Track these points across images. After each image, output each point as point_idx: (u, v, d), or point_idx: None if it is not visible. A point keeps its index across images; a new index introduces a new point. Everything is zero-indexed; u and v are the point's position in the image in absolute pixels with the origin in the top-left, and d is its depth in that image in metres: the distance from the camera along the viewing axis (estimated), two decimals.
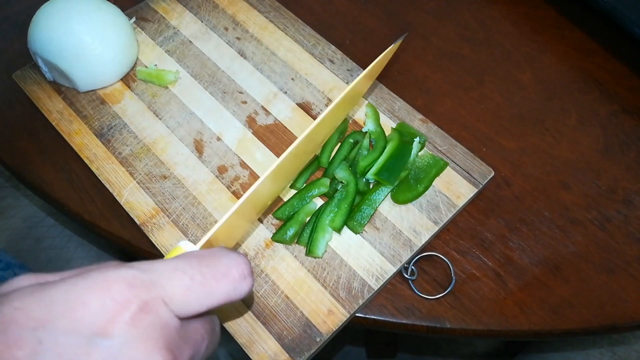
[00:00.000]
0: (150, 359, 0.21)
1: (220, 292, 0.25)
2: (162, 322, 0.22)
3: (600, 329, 0.45)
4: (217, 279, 0.25)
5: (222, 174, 0.50)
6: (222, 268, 0.25)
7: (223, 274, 0.25)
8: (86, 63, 0.51)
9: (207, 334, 0.26)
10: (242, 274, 0.26)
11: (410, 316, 0.45)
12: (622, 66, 0.59)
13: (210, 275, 0.25)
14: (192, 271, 0.24)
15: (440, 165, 0.49)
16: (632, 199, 0.51)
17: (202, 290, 0.24)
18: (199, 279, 0.24)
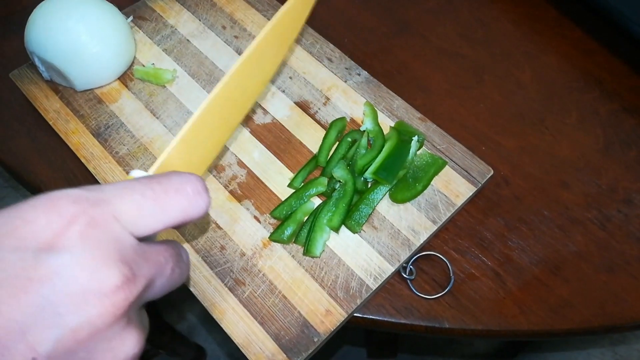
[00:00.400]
0: (104, 270, 0.20)
1: (174, 208, 0.24)
2: (115, 237, 0.21)
3: (601, 329, 0.45)
4: (170, 194, 0.24)
5: (219, 173, 0.49)
6: (174, 184, 0.24)
7: (175, 190, 0.24)
8: (83, 62, 0.51)
9: (171, 257, 0.25)
10: (195, 190, 0.25)
11: (408, 316, 0.44)
12: (622, 65, 0.59)
13: (161, 190, 0.24)
14: (142, 187, 0.23)
15: (439, 164, 0.48)
16: (633, 198, 0.50)
17: (155, 206, 0.23)
18: (150, 194, 0.23)
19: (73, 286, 0.19)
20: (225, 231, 0.46)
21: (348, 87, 0.54)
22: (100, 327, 0.20)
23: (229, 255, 0.45)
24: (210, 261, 0.45)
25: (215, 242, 0.46)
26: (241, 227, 0.46)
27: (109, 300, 0.20)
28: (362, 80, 0.54)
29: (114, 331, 0.20)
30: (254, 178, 0.49)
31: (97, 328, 0.20)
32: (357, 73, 0.55)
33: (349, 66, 0.55)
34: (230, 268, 0.44)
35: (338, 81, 0.54)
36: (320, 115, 0.52)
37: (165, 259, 0.24)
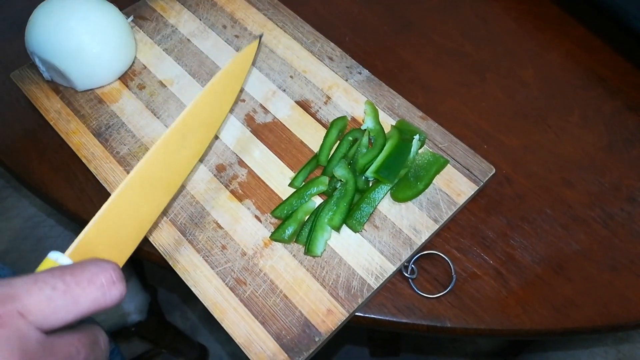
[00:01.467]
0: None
1: (86, 299, 0.24)
2: (19, 335, 0.21)
3: (604, 328, 0.44)
4: (82, 286, 0.24)
5: (220, 172, 0.49)
6: (87, 275, 0.24)
7: (88, 280, 0.24)
8: (84, 62, 0.51)
9: (84, 348, 0.25)
10: (109, 280, 0.25)
11: (410, 315, 0.44)
12: (626, 63, 0.59)
13: (74, 282, 0.24)
14: (54, 280, 0.23)
15: (441, 162, 0.48)
16: (636, 197, 0.50)
17: (65, 299, 0.23)
18: (61, 287, 0.23)
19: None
20: (226, 231, 0.46)
21: (349, 86, 0.54)
22: None
23: (230, 255, 0.45)
24: (211, 261, 0.45)
25: (217, 241, 0.46)
26: (242, 227, 0.46)
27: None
28: (363, 79, 0.54)
29: None
30: (255, 177, 0.49)
31: None
32: (358, 72, 0.55)
33: (350, 65, 0.55)
34: (231, 268, 0.44)
35: (339, 80, 0.54)
36: (321, 115, 0.52)
37: (77, 349, 0.24)
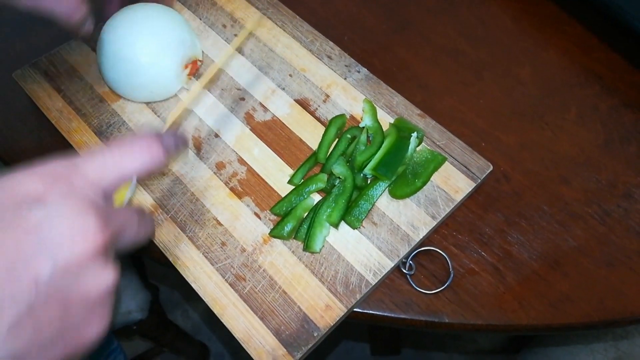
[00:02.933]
0: (81, 218, 0.25)
1: (134, 160, 0.30)
2: (87, 195, 0.27)
3: (601, 324, 0.45)
4: (127, 150, 0.30)
5: (220, 170, 0.50)
6: (133, 143, 0.31)
7: (133, 146, 0.30)
8: (147, 81, 0.52)
9: (134, 216, 0.30)
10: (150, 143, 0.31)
11: (408, 311, 0.45)
12: (622, 61, 0.59)
13: (120, 150, 0.30)
14: (105, 150, 0.29)
15: (439, 160, 0.49)
16: (632, 193, 0.50)
17: (115, 161, 0.29)
18: (110, 154, 0.29)
19: (61, 230, 0.25)
20: (226, 227, 0.47)
21: (348, 85, 0.54)
22: (84, 260, 0.25)
23: (230, 252, 0.45)
24: (211, 257, 0.45)
25: (216, 238, 0.46)
26: (242, 224, 0.47)
27: (89, 240, 0.25)
28: (362, 78, 0.55)
29: (95, 266, 0.26)
30: (254, 175, 0.49)
31: (81, 261, 0.25)
32: (357, 70, 0.55)
33: (348, 63, 0.56)
34: (230, 264, 0.45)
35: (338, 78, 0.55)
36: (320, 113, 0.53)
37: (131, 216, 0.30)
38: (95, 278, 0.26)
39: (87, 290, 0.26)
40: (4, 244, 0.24)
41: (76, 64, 0.57)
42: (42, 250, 0.24)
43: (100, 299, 0.27)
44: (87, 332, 0.27)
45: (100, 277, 0.26)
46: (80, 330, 0.26)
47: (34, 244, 0.24)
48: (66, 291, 0.25)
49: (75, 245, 0.25)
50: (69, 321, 0.25)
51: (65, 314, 0.25)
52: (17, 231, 0.24)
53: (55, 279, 0.24)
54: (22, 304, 0.23)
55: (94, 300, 0.26)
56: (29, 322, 0.24)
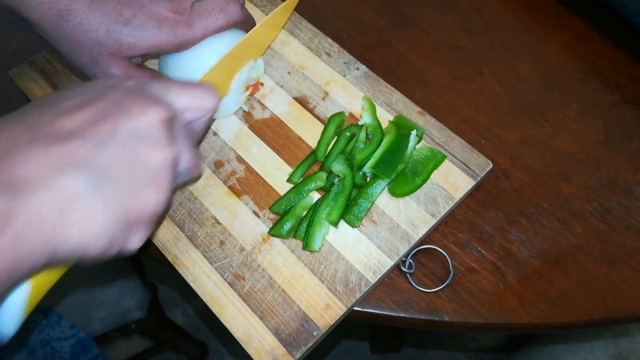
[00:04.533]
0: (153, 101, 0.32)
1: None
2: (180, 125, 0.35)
3: (601, 322, 0.45)
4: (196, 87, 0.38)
5: (218, 168, 0.49)
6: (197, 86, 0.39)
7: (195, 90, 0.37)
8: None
9: (192, 145, 0.37)
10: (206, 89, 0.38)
11: (408, 310, 0.44)
12: (623, 56, 0.59)
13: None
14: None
15: (439, 158, 0.48)
16: (633, 190, 0.50)
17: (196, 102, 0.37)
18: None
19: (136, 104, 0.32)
20: (225, 226, 0.46)
21: (347, 82, 0.54)
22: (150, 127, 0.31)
23: (229, 250, 0.45)
24: (209, 256, 0.45)
25: (215, 237, 0.46)
26: (240, 222, 0.47)
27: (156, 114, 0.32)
28: (361, 75, 0.54)
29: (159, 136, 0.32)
30: (253, 173, 0.49)
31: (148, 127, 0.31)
32: (356, 67, 0.55)
33: (347, 60, 0.55)
34: (229, 263, 0.45)
35: (337, 76, 0.54)
36: (319, 110, 0.52)
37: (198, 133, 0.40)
38: (158, 147, 0.31)
39: (151, 156, 0.31)
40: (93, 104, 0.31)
41: None
42: (120, 112, 0.31)
43: (162, 170, 0.31)
44: (147, 197, 0.31)
45: (163, 150, 0.31)
46: (143, 192, 0.31)
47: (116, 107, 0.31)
48: (135, 148, 0.30)
49: (144, 115, 0.31)
50: (135, 175, 0.30)
51: (133, 167, 0.30)
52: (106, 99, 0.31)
53: (127, 133, 0.30)
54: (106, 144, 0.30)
55: (156, 167, 0.31)
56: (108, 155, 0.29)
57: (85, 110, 0.30)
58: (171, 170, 0.32)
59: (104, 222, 0.29)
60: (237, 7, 0.47)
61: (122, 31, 0.43)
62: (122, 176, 0.30)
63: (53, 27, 0.43)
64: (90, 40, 0.43)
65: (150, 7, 0.44)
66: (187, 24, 0.45)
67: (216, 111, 0.50)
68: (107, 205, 0.29)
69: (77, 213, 0.28)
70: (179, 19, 0.44)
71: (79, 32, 0.43)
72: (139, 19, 0.44)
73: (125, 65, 0.45)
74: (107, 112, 0.30)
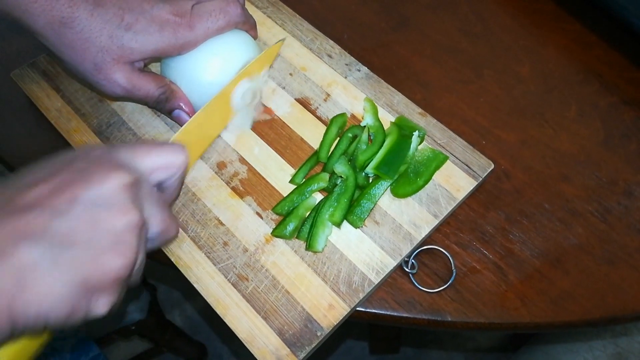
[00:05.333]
0: (115, 168, 0.32)
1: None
2: (147, 188, 0.34)
3: (601, 321, 0.45)
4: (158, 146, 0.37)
5: (221, 169, 0.50)
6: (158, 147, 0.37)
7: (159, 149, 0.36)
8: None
9: (163, 206, 0.36)
10: (172, 148, 0.37)
11: (411, 310, 0.45)
12: (622, 58, 0.59)
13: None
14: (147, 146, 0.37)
15: (440, 158, 0.49)
16: (633, 190, 0.50)
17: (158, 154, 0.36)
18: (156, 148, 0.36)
19: (98, 172, 0.31)
20: (228, 227, 0.47)
21: (348, 83, 0.54)
22: (112, 195, 0.31)
23: (232, 251, 0.45)
24: (213, 257, 0.45)
25: (218, 238, 0.46)
26: (243, 224, 0.47)
27: (118, 181, 0.31)
28: (362, 76, 0.54)
29: (122, 202, 0.31)
30: (256, 174, 0.49)
31: (110, 195, 0.31)
32: (357, 69, 0.55)
33: (348, 62, 0.56)
34: (233, 264, 0.45)
35: (338, 77, 0.55)
36: (321, 112, 0.52)
37: (174, 191, 0.39)
38: (120, 213, 0.31)
39: (112, 222, 0.30)
40: (56, 175, 0.31)
41: None
42: (82, 180, 0.30)
43: (125, 235, 0.31)
44: (109, 263, 0.30)
45: (125, 214, 0.31)
46: (104, 258, 0.30)
47: (78, 177, 0.31)
48: (95, 214, 0.30)
49: (105, 181, 0.31)
50: (96, 242, 0.30)
51: (93, 233, 0.30)
52: (69, 170, 0.31)
53: (88, 201, 0.30)
54: (64, 213, 0.29)
55: (118, 232, 0.30)
56: (66, 224, 0.29)
57: (46, 183, 0.30)
58: (136, 234, 0.31)
59: (62, 290, 0.29)
60: (238, 8, 0.47)
61: (124, 36, 0.43)
62: (82, 243, 0.29)
63: (56, 35, 0.43)
64: (93, 47, 0.43)
65: (151, 11, 0.44)
66: (189, 26, 0.45)
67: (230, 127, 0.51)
68: (65, 273, 0.29)
69: (34, 283, 0.28)
70: (180, 22, 0.45)
71: (82, 39, 0.42)
72: (141, 23, 0.43)
73: (128, 70, 0.45)
74: (68, 182, 0.30)
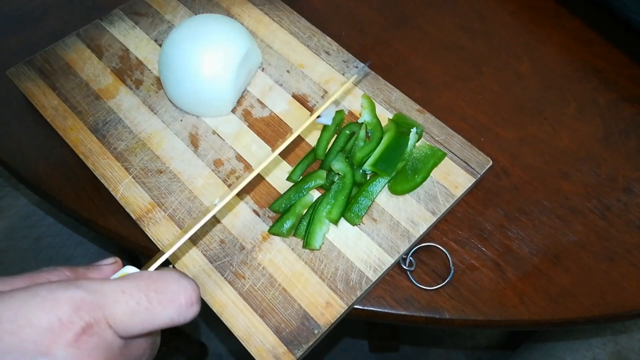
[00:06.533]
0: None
1: (164, 317, 0.26)
2: (105, 343, 0.24)
3: (601, 318, 0.45)
4: (163, 304, 0.26)
5: (218, 167, 0.49)
6: (169, 294, 0.26)
7: (170, 300, 0.26)
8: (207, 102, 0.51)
9: (148, 349, 0.27)
10: (189, 301, 0.27)
11: (409, 307, 0.44)
12: (621, 55, 0.59)
13: (156, 300, 0.25)
14: (139, 295, 0.25)
15: (438, 155, 0.48)
16: (632, 187, 0.50)
17: (147, 315, 0.25)
18: (144, 303, 0.25)
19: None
20: (225, 225, 0.46)
21: (346, 80, 0.54)
22: None
23: (229, 249, 0.45)
24: (210, 255, 0.45)
25: (215, 236, 0.46)
26: (240, 221, 0.46)
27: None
28: (360, 73, 0.54)
29: None
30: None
31: None
32: (355, 66, 0.55)
33: (346, 59, 0.55)
34: (230, 262, 0.44)
35: (336, 74, 0.54)
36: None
37: (144, 351, 0.27)
38: None
39: None
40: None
41: (71, 61, 0.56)
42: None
43: None
44: None
45: None
46: None
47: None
48: None
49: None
50: None
51: None
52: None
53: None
54: None
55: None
56: None
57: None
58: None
59: None
60: None
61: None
62: None
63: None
64: None
65: None
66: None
67: (213, 107, 0.51)
68: None
69: None
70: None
71: None
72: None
73: None
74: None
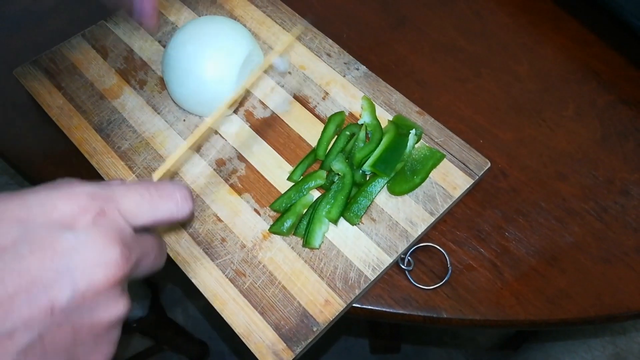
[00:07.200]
0: (107, 249, 0.26)
1: (164, 209, 0.30)
2: (118, 227, 0.27)
3: (597, 319, 0.45)
4: (162, 197, 0.30)
5: (220, 167, 0.50)
6: (167, 191, 0.31)
7: (168, 195, 0.31)
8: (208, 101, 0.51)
9: (154, 246, 0.31)
10: (183, 197, 0.31)
11: (406, 306, 0.45)
12: (620, 57, 0.59)
13: (157, 195, 0.30)
14: (142, 190, 0.30)
15: (437, 157, 0.49)
16: (630, 189, 0.51)
17: (150, 206, 0.30)
18: (147, 196, 0.30)
19: (86, 258, 0.25)
20: (226, 224, 0.47)
21: (347, 82, 0.54)
22: (101, 290, 0.26)
23: (230, 247, 0.46)
24: (211, 253, 0.46)
25: (216, 234, 0.46)
26: (241, 220, 0.47)
27: (111, 271, 0.26)
28: (361, 75, 0.55)
29: (111, 295, 0.26)
30: (254, 172, 0.50)
31: (99, 290, 0.26)
32: (356, 68, 0.55)
33: (347, 61, 0.56)
34: (231, 260, 0.45)
35: (337, 76, 0.55)
36: (319, 110, 0.53)
37: (151, 246, 0.31)
38: (109, 308, 0.27)
39: (99, 319, 0.27)
40: (29, 265, 0.24)
41: (77, 61, 0.57)
42: (64, 276, 0.25)
43: (110, 328, 0.27)
44: (92, 359, 0.27)
45: (114, 308, 0.27)
46: (87, 357, 0.27)
47: (57, 269, 0.25)
48: (79, 319, 0.26)
49: (96, 276, 0.26)
50: (77, 349, 0.26)
51: (75, 341, 0.26)
52: (44, 254, 0.25)
53: (72, 306, 0.25)
54: (35, 330, 0.24)
55: (103, 328, 0.27)
56: (38, 348, 0.24)
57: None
58: (120, 326, 0.29)
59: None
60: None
61: None
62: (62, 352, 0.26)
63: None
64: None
65: None
66: None
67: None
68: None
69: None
70: None
71: None
72: None
73: None
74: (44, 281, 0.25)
